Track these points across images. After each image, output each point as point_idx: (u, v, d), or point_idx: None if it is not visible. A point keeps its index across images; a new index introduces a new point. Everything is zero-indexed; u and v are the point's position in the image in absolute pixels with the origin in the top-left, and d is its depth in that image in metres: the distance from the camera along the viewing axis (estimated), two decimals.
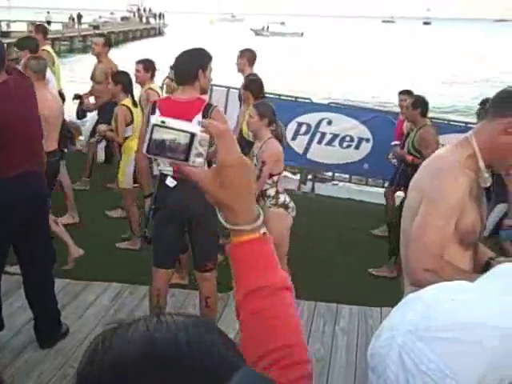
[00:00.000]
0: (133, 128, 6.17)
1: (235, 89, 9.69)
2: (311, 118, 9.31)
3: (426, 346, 0.98)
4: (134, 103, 6.27)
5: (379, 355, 1.04)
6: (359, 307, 5.18)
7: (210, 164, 1.17)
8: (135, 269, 5.62)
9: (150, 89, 6.72)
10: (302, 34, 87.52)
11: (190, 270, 5.16)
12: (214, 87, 8.91)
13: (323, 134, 9.27)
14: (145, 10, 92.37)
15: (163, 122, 1.02)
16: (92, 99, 8.30)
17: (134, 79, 6.61)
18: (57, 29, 48.20)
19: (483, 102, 6.89)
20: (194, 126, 1.03)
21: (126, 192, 6.36)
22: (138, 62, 6.82)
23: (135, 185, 6.21)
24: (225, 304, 4.97)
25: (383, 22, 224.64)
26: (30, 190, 4.06)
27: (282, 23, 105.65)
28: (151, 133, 1.02)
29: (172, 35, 68.59)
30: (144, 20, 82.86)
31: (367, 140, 9.15)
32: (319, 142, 9.30)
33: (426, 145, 6.11)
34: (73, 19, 61.25)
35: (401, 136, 7.01)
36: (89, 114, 8.59)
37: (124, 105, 6.19)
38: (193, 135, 1.02)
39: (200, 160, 1.03)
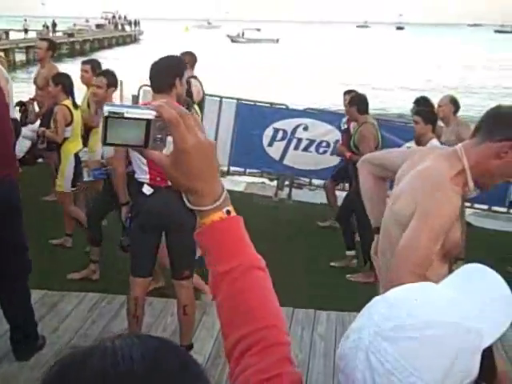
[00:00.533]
0: (72, 129, 6.14)
1: (212, 96, 9.72)
2: (287, 124, 9.34)
3: (391, 345, 1.01)
4: (75, 105, 6.23)
5: (347, 356, 1.06)
6: (337, 313, 5.20)
7: None
8: (112, 278, 5.60)
9: None
10: (277, 41, 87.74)
11: (165, 276, 5.14)
12: None
13: (299, 140, 9.29)
14: (120, 18, 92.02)
15: (115, 113, 0.99)
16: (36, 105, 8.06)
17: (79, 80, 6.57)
18: (31, 37, 47.91)
19: (417, 100, 7.02)
20: (148, 112, 1.00)
21: (61, 196, 6.32)
22: (85, 63, 6.74)
23: (73, 188, 6.22)
24: (203, 312, 4.97)
25: (357, 27, 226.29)
26: (8, 197, 4.03)
27: (258, 30, 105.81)
28: (106, 124, 0.99)
29: (148, 42, 68.48)
30: (119, 27, 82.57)
31: None
32: (296, 148, 9.33)
33: (364, 141, 6.30)
34: (47, 27, 60.87)
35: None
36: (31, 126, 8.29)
37: (64, 105, 6.13)
38: (148, 121, 1.00)
39: (160, 144, 1.02)
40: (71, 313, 5.04)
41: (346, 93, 7.50)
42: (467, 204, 6.76)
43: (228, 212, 1.08)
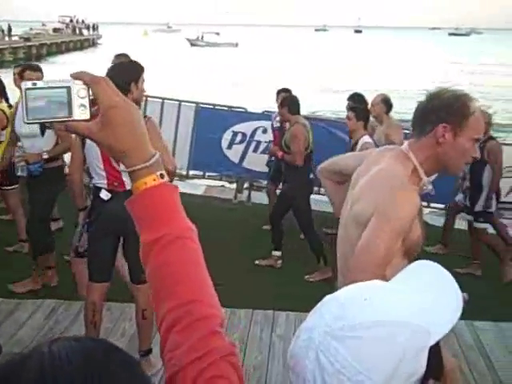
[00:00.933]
0: (7, 132, 6.01)
1: (171, 100, 9.69)
2: (246, 127, 9.34)
3: (340, 345, 1.02)
4: (10, 106, 6.14)
5: (298, 356, 1.07)
6: (295, 313, 5.21)
7: None
8: (70, 284, 5.52)
9: None
10: (236, 45, 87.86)
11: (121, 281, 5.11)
12: (148, 99, 8.85)
13: (258, 143, 9.30)
14: (77, 22, 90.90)
15: (34, 83, 0.98)
16: None
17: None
18: None
19: (352, 97, 7.13)
20: (67, 80, 1.00)
21: None
22: (19, 66, 6.63)
23: None
24: None
25: (316, 30, 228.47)
26: None
27: (217, 33, 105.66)
28: (26, 99, 0.98)
29: (106, 47, 67.76)
30: (77, 31, 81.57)
31: None
32: (255, 151, 9.33)
33: (295, 141, 6.41)
34: (2, 31, 59.80)
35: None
36: None
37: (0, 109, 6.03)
38: (68, 88, 0.99)
39: (84, 111, 1.01)
40: (28, 320, 4.96)
41: (279, 92, 7.59)
42: (424, 203, 6.87)
43: (162, 176, 1.05)
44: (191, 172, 9.81)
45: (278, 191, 8.01)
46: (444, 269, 1.20)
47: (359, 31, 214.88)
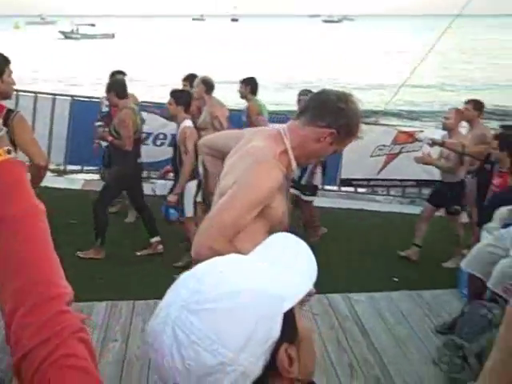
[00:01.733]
0: None
1: (44, 94, 9.41)
2: None
3: (195, 318, 1.03)
4: None
5: (156, 332, 1.07)
6: None
7: None
8: None
9: None
10: (113, 36, 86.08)
11: None
12: (20, 93, 8.54)
13: None
14: None
15: None
16: None
17: None
18: None
19: (187, 78, 7.69)
20: None
21: None
22: None
23: None
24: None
25: (193, 19, 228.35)
26: None
27: (92, 25, 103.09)
28: None
29: None
30: None
31: None
32: None
33: (123, 125, 6.51)
34: None
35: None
36: None
37: None
38: None
39: None
40: None
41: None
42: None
43: (9, 151, 1.01)
44: (69, 167, 9.59)
45: None
46: (298, 238, 1.24)
47: (235, 20, 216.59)
